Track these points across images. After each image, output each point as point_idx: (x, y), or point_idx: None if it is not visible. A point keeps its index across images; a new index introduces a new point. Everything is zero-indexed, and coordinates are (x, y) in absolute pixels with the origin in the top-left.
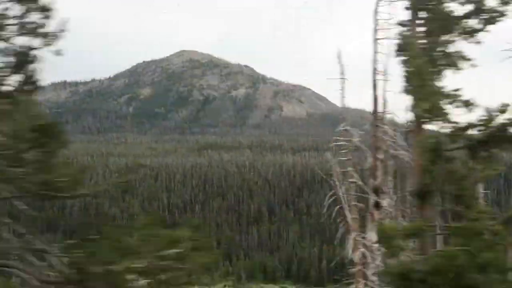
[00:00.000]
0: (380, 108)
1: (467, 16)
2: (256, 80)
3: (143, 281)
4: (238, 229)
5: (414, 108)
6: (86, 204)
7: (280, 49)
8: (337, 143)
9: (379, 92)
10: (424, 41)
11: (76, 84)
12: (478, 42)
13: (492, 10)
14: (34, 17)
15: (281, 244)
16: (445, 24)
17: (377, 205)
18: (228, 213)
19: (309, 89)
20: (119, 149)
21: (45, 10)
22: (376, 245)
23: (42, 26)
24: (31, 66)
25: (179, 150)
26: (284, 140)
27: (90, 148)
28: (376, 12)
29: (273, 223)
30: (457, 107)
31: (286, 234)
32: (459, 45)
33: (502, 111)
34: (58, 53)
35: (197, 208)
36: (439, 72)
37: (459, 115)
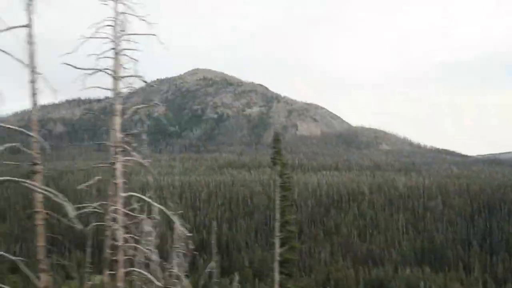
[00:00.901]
0: None
1: None
2: (269, 98)
3: None
4: (269, 249)
5: None
6: None
7: (292, 68)
8: None
9: None
10: None
11: (90, 101)
12: None
13: None
14: None
15: (313, 264)
16: None
17: None
18: (256, 232)
19: (323, 107)
20: (139, 167)
21: None
22: None
23: None
24: None
25: (199, 168)
26: (304, 159)
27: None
28: None
29: (303, 242)
30: None
31: (318, 253)
32: None
33: None
34: None
35: (224, 227)
36: None
37: None
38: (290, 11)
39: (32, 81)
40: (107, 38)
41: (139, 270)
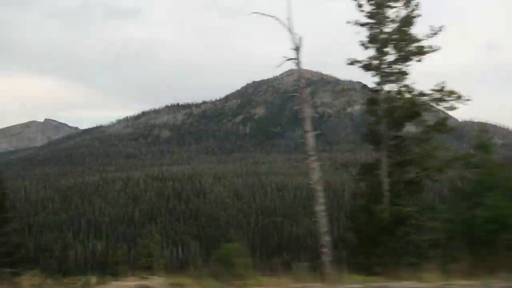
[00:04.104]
0: None
1: None
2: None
3: None
4: None
5: None
6: (265, 223)
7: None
8: None
9: None
10: None
11: (189, 106)
12: None
13: None
14: None
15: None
16: None
17: None
18: None
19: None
20: (263, 168)
21: None
22: None
23: None
24: None
25: (323, 167)
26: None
27: (228, 168)
28: None
29: None
30: None
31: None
32: None
33: None
34: None
35: None
36: None
37: None
38: None
39: None
40: None
41: None
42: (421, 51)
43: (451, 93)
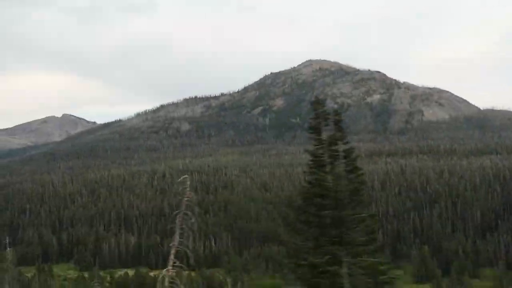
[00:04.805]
0: None
1: None
2: (389, 85)
3: None
4: (464, 238)
5: None
6: None
7: (407, 53)
8: None
9: None
10: None
11: (207, 98)
12: None
13: None
14: None
15: None
16: None
17: None
18: (450, 221)
19: (447, 91)
20: (287, 159)
21: None
22: None
23: None
24: None
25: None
26: (454, 144)
27: (252, 160)
28: None
29: (505, 232)
30: None
31: None
32: None
33: None
34: None
35: (412, 215)
36: None
37: None
38: None
39: None
40: None
41: None
42: None
43: None
